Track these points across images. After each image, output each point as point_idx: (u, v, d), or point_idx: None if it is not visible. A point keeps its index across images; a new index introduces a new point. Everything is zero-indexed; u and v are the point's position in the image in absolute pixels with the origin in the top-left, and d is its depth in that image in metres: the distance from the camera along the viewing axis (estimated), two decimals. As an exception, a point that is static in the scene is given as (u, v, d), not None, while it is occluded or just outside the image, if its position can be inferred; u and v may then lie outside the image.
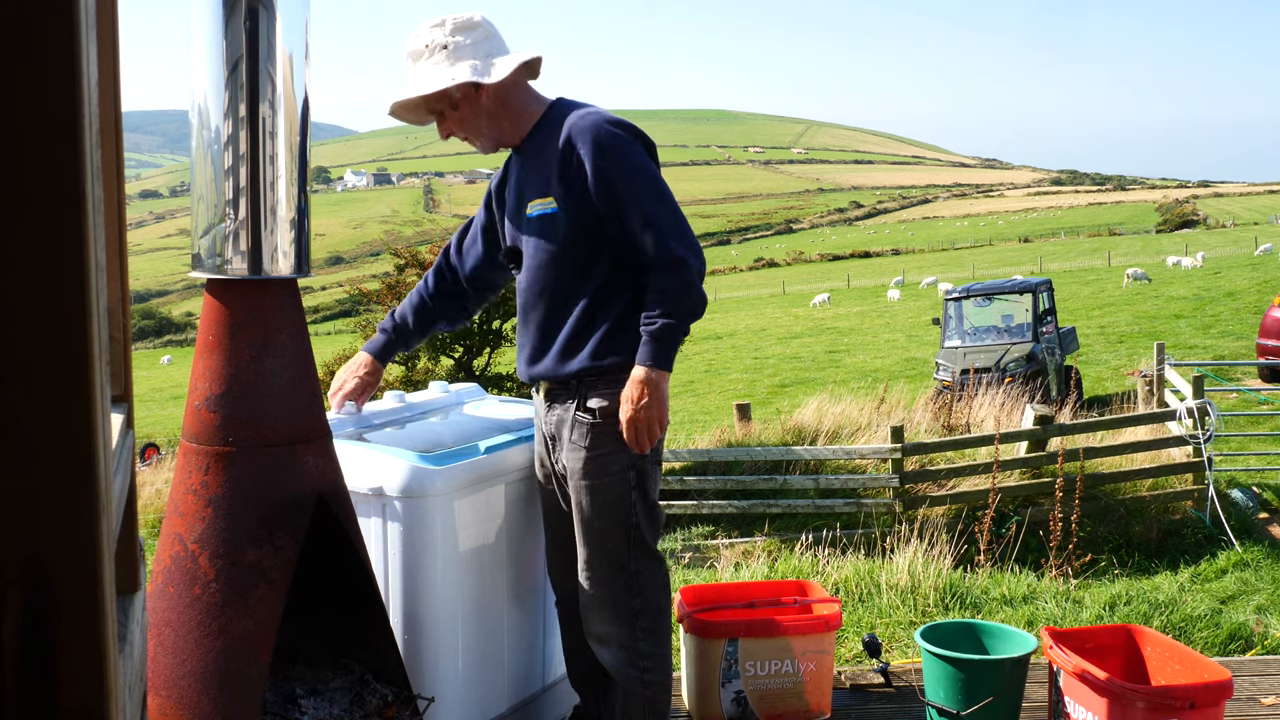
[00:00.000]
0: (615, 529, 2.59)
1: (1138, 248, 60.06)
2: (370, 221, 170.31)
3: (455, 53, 2.53)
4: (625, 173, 2.45)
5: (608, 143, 2.46)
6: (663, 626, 2.66)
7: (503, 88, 2.58)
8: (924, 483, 9.31)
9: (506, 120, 2.62)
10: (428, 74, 2.55)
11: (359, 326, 18.22)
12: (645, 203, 2.44)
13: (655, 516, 2.63)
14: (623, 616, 2.61)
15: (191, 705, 2.05)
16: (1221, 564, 7.91)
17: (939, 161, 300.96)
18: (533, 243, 2.60)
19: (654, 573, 2.64)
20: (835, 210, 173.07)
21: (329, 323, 66.85)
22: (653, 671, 2.64)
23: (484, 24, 2.58)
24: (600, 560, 2.60)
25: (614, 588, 2.60)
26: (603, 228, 2.50)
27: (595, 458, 2.56)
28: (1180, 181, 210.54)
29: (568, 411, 2.60)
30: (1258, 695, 3.40)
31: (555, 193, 2.53)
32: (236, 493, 2.10)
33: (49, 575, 0.65)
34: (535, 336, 2.63)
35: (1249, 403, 13.91)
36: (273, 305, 2.14)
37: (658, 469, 2.66)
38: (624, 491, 2.57)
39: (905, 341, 24.92)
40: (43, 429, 0.64)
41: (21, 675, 0.65)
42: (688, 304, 2.45)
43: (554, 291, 2.58)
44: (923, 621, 4.32)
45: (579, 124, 2.50)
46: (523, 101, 2.63)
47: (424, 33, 2.57)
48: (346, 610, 2.43)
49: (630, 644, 2.61)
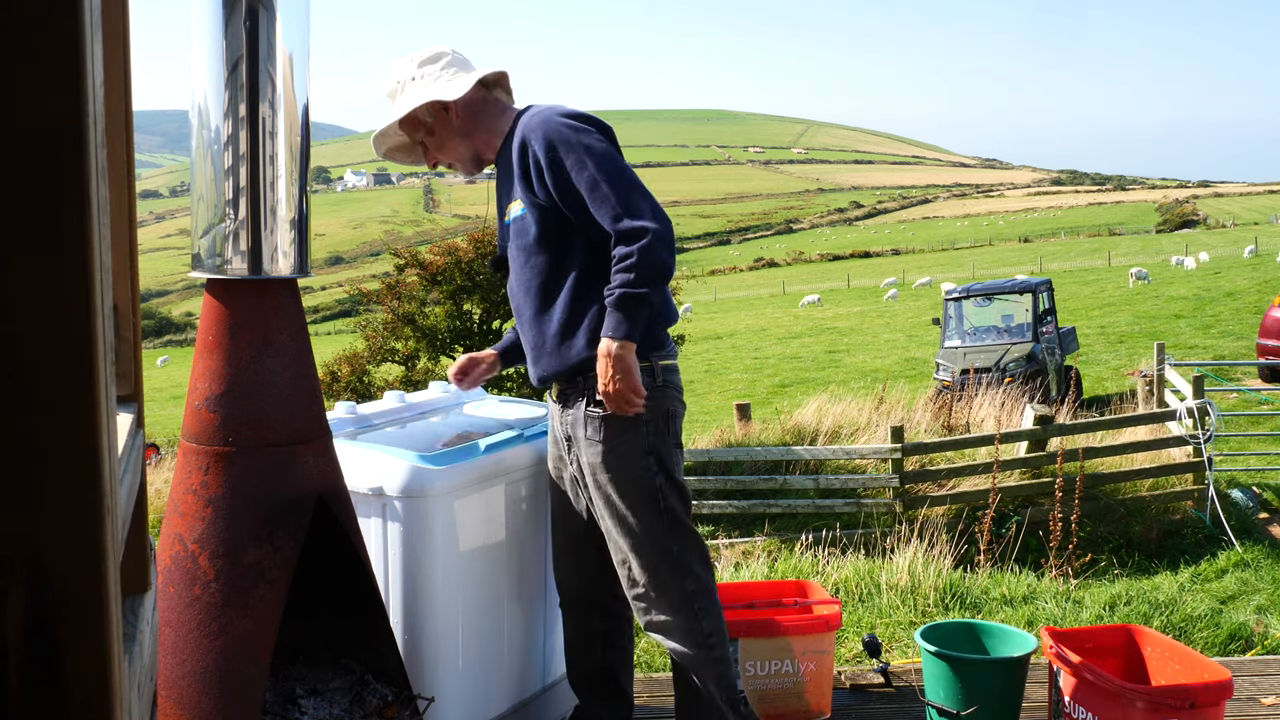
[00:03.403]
0: (648, 515, 2.59)
1: (1138, 248, 60.07)
2: (370, 221, 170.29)
3: (422, 82, 2.64)
4: (573, 155, 2.47)
5: (554, 133, 2.50)
6: (715, 602, 2.68)
7: (470, 105, 2.66)
8: (924, 483, 9.31)
9: (480, 137, 2.69)
10: (398, 105, 2.66)
11: (359, 326, 18.21)
12: (597, 180, 2.45)
13: (684, 493, 2.65)
14: (677, 602, 2.62)
15: (191, 705, 2.06)
16: (1221, 564, 7.91)
17: (939, 161, 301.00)
18: (513, 247, 2.66)
19: (695, 549, 2.65)
20: (835, 210, 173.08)
21: (329, 323, 66.85)
22: (719, 647, 2.67)
23: (451, 54, 2.68)
24: (641, 550, 2.60)
25: (660, 575, 2.61)
26: (570, 218, 2.53)
27: (613, 449, 2.56)
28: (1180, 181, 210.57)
29: (579, 410, 2.60)
30: (1258, 695, 3.40)
31: (520, 195, 2.59)
32: (236, 493, 2.10)
33: (52, 575, 0.65)
34: (532, 337, 2.66)
35: (1249, 403, 13.90)
36: (273, 305, 2.14)
37: (678, 451, 2.66)
38: (648, 476, 2.57)
39: (905, 341, 24.92)
40: (46, 428, 0.64)
41: (25, 675, 0.65)
42: (646, 270, 2.41)
43: (538, 289, 2.61)
44: (923, 621, 4.33)
45: (530, 122, 2.56)
46: (492, 116, 2.70)
47: (395, 70, 2.69)
48: (346, 610, 2.43)
49: (694, 625, 2.63)
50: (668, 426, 2.61)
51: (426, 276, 16.02)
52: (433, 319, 16.05)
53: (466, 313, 16.30)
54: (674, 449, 2.63)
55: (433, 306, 16.22)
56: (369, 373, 16.26)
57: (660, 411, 2.59)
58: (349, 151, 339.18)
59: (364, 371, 16.12)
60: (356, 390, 15.39)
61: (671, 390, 2.63)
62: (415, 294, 16.31)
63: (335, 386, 15.43)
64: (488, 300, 16.01)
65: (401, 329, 16.19)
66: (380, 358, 16.48)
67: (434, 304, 16.23)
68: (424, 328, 16.03)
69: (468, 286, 15.85)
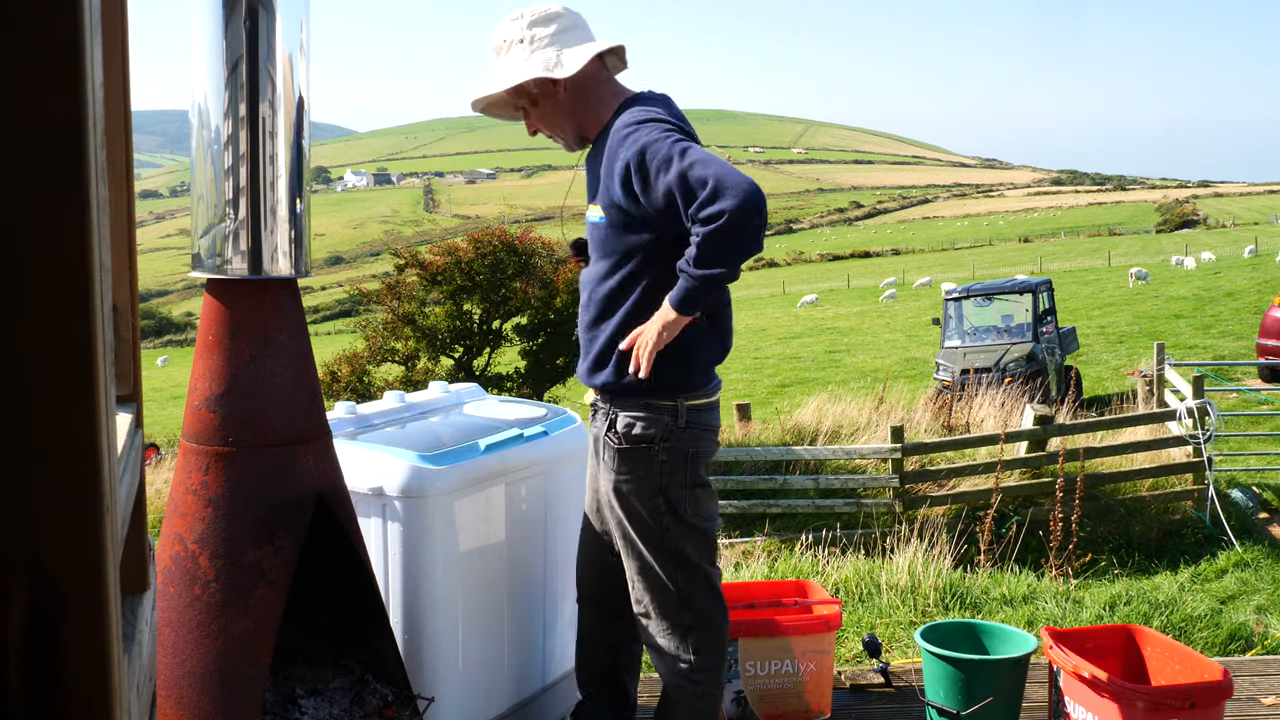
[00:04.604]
0: (653, 550, 2.54)
1: (1138, 248, 60.07)
2: (370, 221, 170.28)
3: (531, 46, 2.47)
4: (653, 166, 2.32)
5: (633, 151, 2.34)
6: (716, 640, 2.61)
7: (580, 82, 2.50)
8: (924, 483, 9.31)
9: (587, 116, 2.54)
10: (503, 70, 2.50)
11: (359, 326, 18.22)
12: (679, 179, 2.28)
13: (698, 533, 2.55)
14: (673, 631, 2.57)
15: (191, 705, 2.06)
16: (1221, 564, 7.92)
17: (939, 161, 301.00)
18: (591, 247, 2.57)
19: (702, 588, 2.57)
20: (835, 210, 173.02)
21: (329, 323, 66.82)
22: (705, 685, 2.60)
23: (565, 14, 2.50)
24: (646, 575, 2.57)
25: (663, 603, 2.57)
26: (650, 244, 2.42)
27: (625, 481, 2.52)
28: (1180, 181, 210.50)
29: (601, 429, 2.57)
30: (1258, 695, 3.40)
31: (603, 202, 2.47)
32: (236, 493, 2.10)
33: (52, 575, 0.65)
34: (584, 339, 2.60)
35: (1249, 403, 13.90)
36: (273, 305, 2.14)
37: (701, 491, 2.55)
38: (655, 516, 2.51)
39: (905, 341, 24.92)
40: (46, 428, 0.65)
41: (25, 675, 0.65)
42: (717, 251, 2.26)
43: (598, 303, 2.54)
44: (923, 621, 4.32)
45: (617, 134, 2.41)
46: (601, 96, 2.54)
47: (502, 27, 2.52)
48: (346, 610, 2.43)
49: (685, 659, 2.58)
50: (685, 468, 2.51)
51: (426, 276, 16.02)
52: (433, 319, 16.06)
53: (466, 313, 16.30)
54: (692, 490, 2.53)
55: (433, 306, 16.23)
56: (369, 373, 16.26)
57: (679, 454, 2.50)
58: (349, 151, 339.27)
59: (364, 371, 16.12)
60: (356, 390, 15.40)
61: (697, 431, 2.53)
62: (415, 294, 16.32)
63: (335, 386, 15.43)
64: (488, 300, 16.01)
65: (401, 329, 16.20)
66: (380, 358, 16.49)
67: (434, 304, 16.24)
68: (424, 328, 16.03)
69: (468, 286, 15.85)
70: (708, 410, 2.57)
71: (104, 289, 0.70)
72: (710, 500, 2.60)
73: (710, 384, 2.57)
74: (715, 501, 2.64)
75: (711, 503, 2.61)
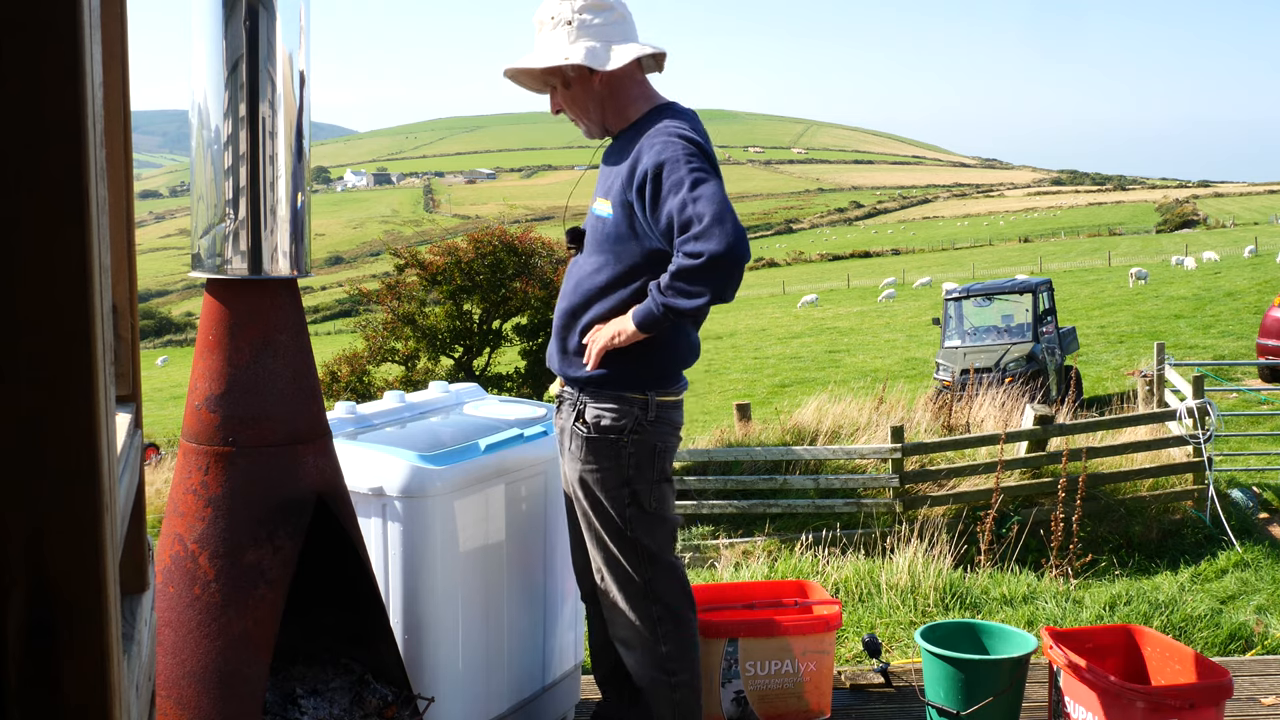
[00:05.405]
0: (616, 542, 2.58)
1: (1138, 248, 60.07)
2: (370, 221, 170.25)
3: (579, 30, 2.48)
4: (666, 183, 2.37)
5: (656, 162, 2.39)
6: (684, 630, 2.64)
7: (617, 76, 2.54)
8: (924, 483, 9.31)
9: (614, 110, 2.58)
10: (546, 46, 2.51)
11: (359, 326, 18.23)
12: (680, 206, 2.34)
13: (660, 528, 2.60)
14: (643, 622, 2.60)
15: (191, 705, 2.05)
16: (1221, 564, 7.91)
17: (939, 161, 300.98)
18: (588, 238, 2.61)
19: (668, 580, 2.61)
20: (835, 210, 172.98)
21: (329, 323, 66.83)
22: (679, 674, 2.62)
23: (617, 5, 2.52)
24: (610, 569, 2.61)
25: (629, 594, 2.60)
26: (648, 250, 2.46)
27: (590, 472, 2.56)
28: (1180, 181, 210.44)
29: (568, 420, 2.61)
30: (1258, 695, 3.40)
31: (614, 200, 2.51)
32: (236, 493, 2.10)
33: (51, 575, 0.65)
34: (556, 326, 2.65)
35: (1249, 403, 13.90)
36: (273, 305, 2.14)
37: (665, 485, 2.61)
38: (619, 508, 2.56)
39: (905, 341, 24.92)
40: (46, 428, 0.65)
41: (24, 676, 0.65)
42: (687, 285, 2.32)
43: (584, 294, 2.57)
44: (923, 621, 4.32)
45: (648, 140, 2.44)
46: (633, 96, 2.58)
47: (550, 3, 2.53)
48: (346, 610, 2.43)
49: (653, 648, 2.60)
50: (652, 462, 2.57)
51: (426, 276, 16.03)
52: (433, 319, 16.07)
53: (466, 313, 16.31)
54: (656, 484, 2.58)
55: (433, 306, 16.24)
56: (369, 373, 16.27)
57: (646, 447, 2.55)
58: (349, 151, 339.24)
59: (364, 371, 16.14)
60: (356, 390, 15.41)
61: (664, 427, 2.58)
62: (415, 294, 16.33)
63: (335, 386, 15.45)
64: (487, 300, 16.02)
65: (401, 329, 16.21)
66: (380, 358, 16.50)
67: (434, 304, 16.25)
68: (424, 328, 16.04)
69: (468, 286, 15.86)
70: (674, 408, 2.63)
71: (103, 289, 0.70)
72: (672, 494, 2.67)
73: (680, 383, 2.65)
74: (675, 497, 2.71)
75: (673, 497, 2.67)
